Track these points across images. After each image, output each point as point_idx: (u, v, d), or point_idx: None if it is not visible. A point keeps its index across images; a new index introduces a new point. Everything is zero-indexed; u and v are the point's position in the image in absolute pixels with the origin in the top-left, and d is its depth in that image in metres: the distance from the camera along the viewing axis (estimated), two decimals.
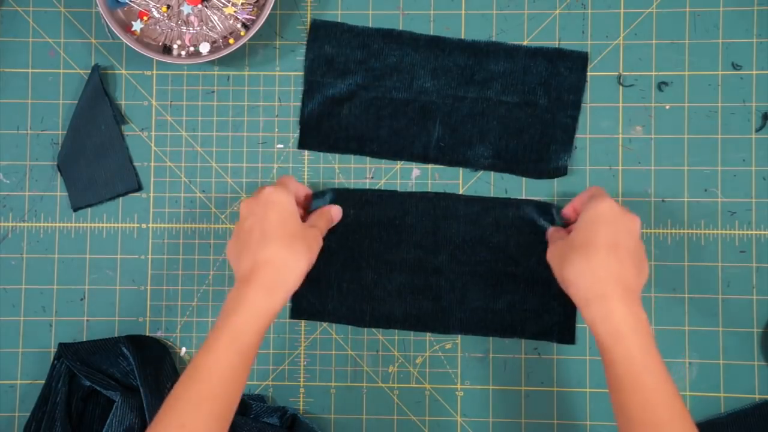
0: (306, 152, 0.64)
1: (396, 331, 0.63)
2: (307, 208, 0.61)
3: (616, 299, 0.48)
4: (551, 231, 0.60)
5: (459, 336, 0.63)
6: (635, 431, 0.47)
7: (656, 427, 0.46)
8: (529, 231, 0.62)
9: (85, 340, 0.64)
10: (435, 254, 0.62)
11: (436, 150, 0.62)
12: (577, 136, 0.63)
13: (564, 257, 0.52)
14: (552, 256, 0.55)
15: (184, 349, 0.64)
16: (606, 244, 0.50)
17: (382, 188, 0.63)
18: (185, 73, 0.65)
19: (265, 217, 0.52)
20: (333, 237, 0.62)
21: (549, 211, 0.61)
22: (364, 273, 0.62)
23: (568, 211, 0.59)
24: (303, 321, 0.64)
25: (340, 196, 0.62)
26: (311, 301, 0.63)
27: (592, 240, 0.51)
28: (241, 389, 0.50)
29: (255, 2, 0.63)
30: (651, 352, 0.48)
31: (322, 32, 0.63)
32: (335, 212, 0.61)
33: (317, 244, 0.55)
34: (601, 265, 0.49)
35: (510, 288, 0.61)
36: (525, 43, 0.63)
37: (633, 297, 0.49)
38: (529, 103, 0.61)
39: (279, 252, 0.51)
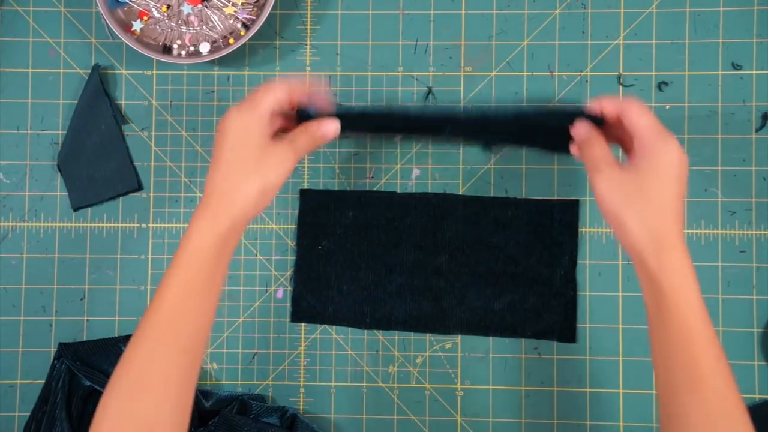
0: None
1: (396, 331, 0.63)
2: (292, 105, 0.54)
3: (684, 252, 0.48)
4: (587, 134, 0.52)
5: (459, 336, 0.63)
6: (680, 383, 0.46)
7: (703, 380, 0.45)
8: (528, 230, 0.62)
9: (85, 340, 0.64)
10: (435, 255, 0.62)
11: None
12: None
13: (627, 198, 0.49)
14: (608, 187, 0.49)
15: None
16: (678, 199, 0.48)
17: (383, 188, 0.64)
18: (185, 73, 0.65)
19: (221, 141, 0.51)
20: (332, 239, 0.62)
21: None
22: (364, 274, 0.62)
23: (608, 114, 0.52)
24: (303, 323, 0.64)
25: (327, 196, 0.62)
26: (311, 303, 0.63)
27: (666, 194, 0.48)
28: (205, 320, 0.49)
29: (255, 2, 0.63)
30: (705, 308, 0.47)
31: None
32: (327, 129, 0.53)
33: (282, 163, 0.51)
34: (672, 221, 0.48)
35: (510, 287, 0.61)
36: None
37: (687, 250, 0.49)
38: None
39: (224, 177, 0.50)
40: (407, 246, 0.62)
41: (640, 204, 0.48)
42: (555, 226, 0.61)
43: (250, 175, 0.50)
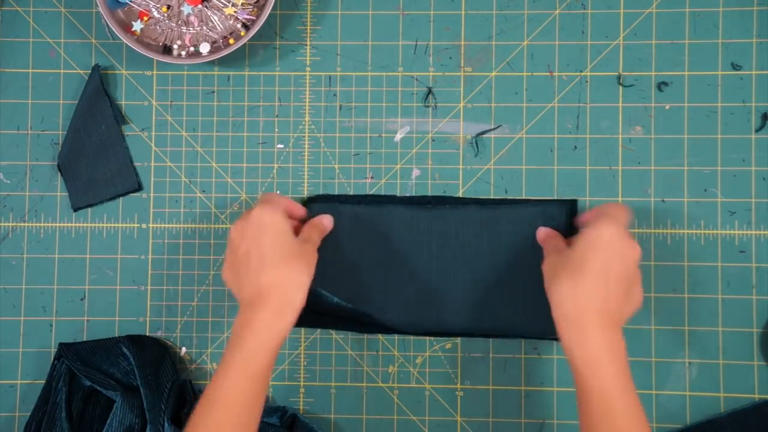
0: (306, 152, 0.64)
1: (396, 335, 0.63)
2: (296, 218, 0.61)
3: (594, 326, 0.48)
4: (544, 235, 0.59)
5: (459, 336, 0.63)
6: None
7: None
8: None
9: (85, 340, 0.64)
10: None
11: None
12: (577, 136, 0.63)
13: (554, 274, 0.52)
14: (545, 268, 0.54)
15: (184, 349, 0.64)
16: (596, 270, 0.50)
17: (382, 188, 0.63)
18: (185, 73, 0.65)
19: (260, 240, 0.52)
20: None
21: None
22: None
23: (586, 218, 0.58)
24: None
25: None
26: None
27: (583, 264, 0.50)
28: (258, 414, 0.50)
29: (255, 2, 0.63)
30: (625, 380, 0.48)
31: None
32: (327, 222, 0.60)
33: (314, 258, 0.55)
34: (586, 291, 0.49)
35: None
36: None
37: (612, 325, 0.49)
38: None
39: (281, 274, 0.51)
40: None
41: (561, 276, 0.51)
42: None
43: (301, 269, 0.53)
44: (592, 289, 0.49)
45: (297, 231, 0.58)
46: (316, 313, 0.62)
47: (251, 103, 0.65)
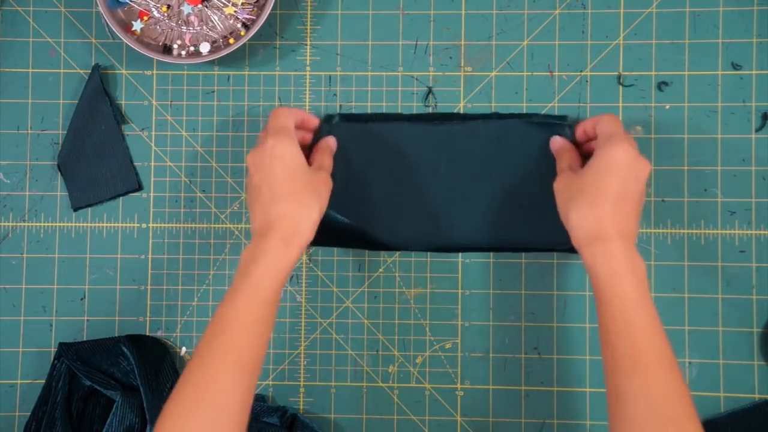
0: None
1: (396, 331, 0.63)
2: (309, 128, 0.61)
3: (617, 242, 0.49)
4: (559, 146, 0.59)
5: (459, 335, 0.63)
6: (621, 370, 0.47)
7: (643, 367, 0.47)
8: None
9: (85, 339, 0.64)
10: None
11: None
12: None
13: (571, 196, 0.52)
14: (559, 189, 0.55)
15: (184, 349, 0.64)
16: (615, 193, 0.50)
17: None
18: (185, 73, 0.65)
19: (271, 172, 0.53)
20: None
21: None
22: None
23: (579, 134, 0.58)
24: (303, 320, 0.64)
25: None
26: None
27: (602, 187, 0.51)
28: (265, 341, 0.51)
29: (255, 2, 0.63)
30: (645, 295, 0.49)
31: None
32: (332, 141, 0.61)
33: (326, 188, 0.56)
34: (608, 214, 0.50)
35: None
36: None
37: (631, 244, 0.50)
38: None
39: (290, 207, 0.52)
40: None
41: (580, 200, 0.51)
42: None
43: (311, 201, 0.53)
44: (613, 212, 0.50)
45: (304, 142, 0.59)
46: (326, 234, 0.61)
47: (251, 103, 0.65)
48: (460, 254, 0.63)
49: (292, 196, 0.52)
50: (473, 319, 0.63)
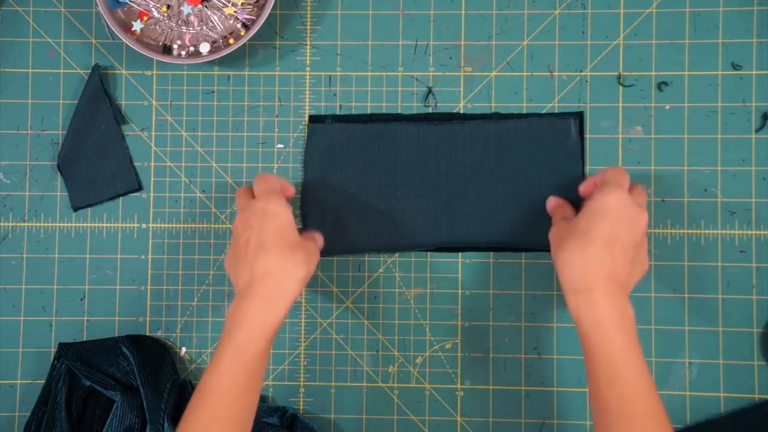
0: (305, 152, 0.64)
1: (396, 331, 0.63)
2: (287, 196, 0.60)
3: (601, 292, 0.49)
4: (554, 204, 0.60)
5: (459, 335, 0.63)
6: (611, 424, 0.47)
7: (631, 421, 0.46)
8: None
9: (85, 340, 0.64)
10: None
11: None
12: None
13: (561, 240, 0.52)
14: (552, 236, 0.55)
15: (184, 349, 0.64)
16: (603, 237, 0.50)
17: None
18: (185, 73, 0.65)
19: (262, 228, 0.52)
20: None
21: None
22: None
23: (587, 187, 0.58)
24: (303, 320, 0.64)
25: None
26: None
27: (590, 231, 0.50)
28: (252, 406, 0.50)
29: (255, 2, 0.63)
30: (632, 346, 0.48)
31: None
32: (319, 239, 0.60)
33: (315, 256, 0.55)
34: (594, 258, 0.49)
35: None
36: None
37: (620, 291, 0.49)
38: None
39: (277, 262, 0.51)
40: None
41: (568, 243, 0.51)
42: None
43: (299, 259, 0.52)
44: (600, 255, 0.49)
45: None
46: (325, 241, 0.62)
47: (251, 103, 0.65)
48: (460, 254, 0.63)
49: (281, 249, 0.51)
50: (473, 319, 0.63)
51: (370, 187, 0.62)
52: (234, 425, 0.49)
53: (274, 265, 0.51)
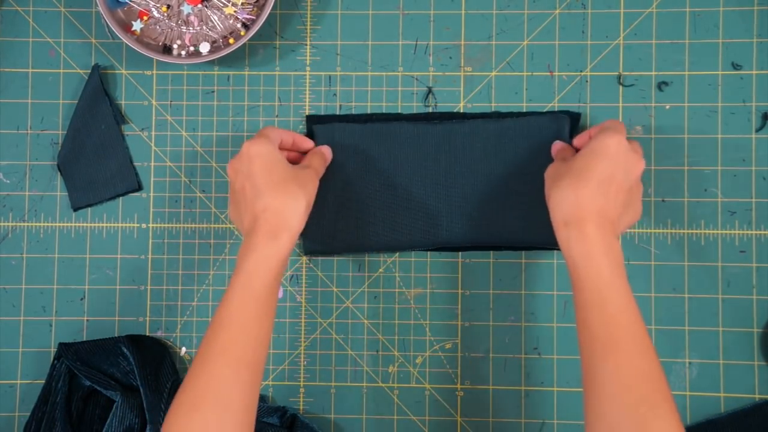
0: None
1: (396, 331, 0.63)
2: (302, 149, 0.61)
3: (592, 224, 0.49)
4: (559, 147, 0.60)
5: (459, 335, 0.63)
6: (595, 350, 0.47)
7: (616, 347, 0.47)
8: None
9: (85, 340, 0.64)
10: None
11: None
12: None
13: (556, 178, 0.53)
14: (548, 173, 0.55)
15: (184, 349, 0.64)
16: (599, 178, 0.50)
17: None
18: (185, 73, 0.65)
19: (250, 171, 0.53)
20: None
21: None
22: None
23: (582, 139, 0.58)
24: (303, 320, 0.64)
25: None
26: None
27: (587, 170, 0.51)
28: (265, 338, 0.51)
29: (255, 2, 0.63)
30: (620, 276, 0.49)
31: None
32: (327, 151, 0.61)
33: (312, 183, 0.56)
34: (587, 196, 0.50)
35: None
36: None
37: (610, 228, 0.50)
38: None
39: (274, 198, 0.52)
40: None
41: (563, 181, 0.52)
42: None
43: (295, 192, 0.53)
44: (593, 194, 0.50)
45: (298, 162, 0.59)
46: (324, 242, 0.62)
47: (251, 103, 0.65)
48: (459, 254, 0.63)
49: (274, 187, 0.52)
50: (473, 319, 0.63)
51: (369, 187, 0.62)
52: (248, 351, 0.49)
53: (271, 202, 0.52)
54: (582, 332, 0.49)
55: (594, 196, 0.50)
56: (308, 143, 0.61)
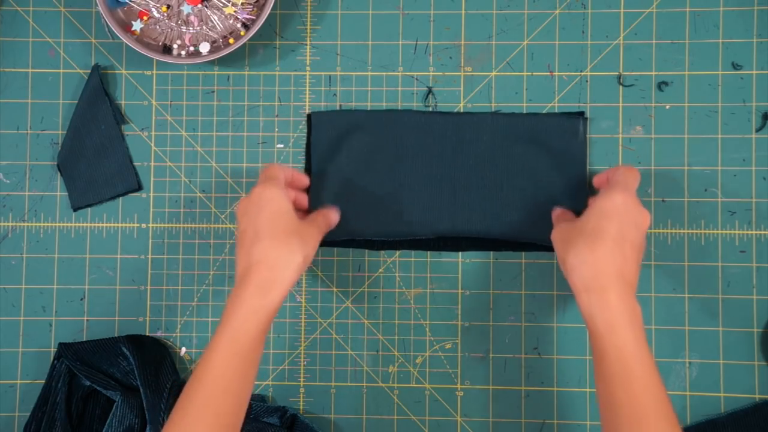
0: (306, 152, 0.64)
1: (396, 331, 0.63)
2: (300, 187, 0.61)
3: (614, 292, 0.49)
4: (557, 212, 0.60)
5: (459, 335, 0.63)
6: (621, 424, 0.47)
7: (640, 421, 0.46)
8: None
9: (85, 340, 0.64)
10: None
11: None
12: None
13: (569, 242, 0.52)
14: (556, 237, 0.55)
15: (184, 349, 0.64)
16: (613, 237, 0.50)
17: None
18: (185, 73, 0.65)
19: (257, 216, 0.52)
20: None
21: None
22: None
23: (600, 179, 0.58)
24: (303, 320, 0.64)
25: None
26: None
27: (600, 230, 0.50)
28: (246, 392, 0.50)
29: (255, 2, 0.63)
30: (643, 346, 0.48)
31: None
32: (333, 216, 0.60)
33: (314, 240, 0.55)
34: (605, 257, 0.49)
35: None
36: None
37: (630, 291, 0.50)
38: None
39: (271, 249, 0.51)
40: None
41: (578, 242, 0.51)
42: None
43: (294, 246, 0.52)
44: (611, 254, 0.49)
45: (297, 204, 0.59)
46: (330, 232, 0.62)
47: (251, 102, 0.65)
48: (459, 254, 0.63)
49: (274, 237, 0.51)
50: (473, 319, 0.63)
51: (373, 174, 0.62)
52: (228, 407, 0.49)
53: (268, 253, 0.51)
54: (605, 404, 0.48)
55: (612, 257, 0.49)
56: (305, 180, 0.61)
